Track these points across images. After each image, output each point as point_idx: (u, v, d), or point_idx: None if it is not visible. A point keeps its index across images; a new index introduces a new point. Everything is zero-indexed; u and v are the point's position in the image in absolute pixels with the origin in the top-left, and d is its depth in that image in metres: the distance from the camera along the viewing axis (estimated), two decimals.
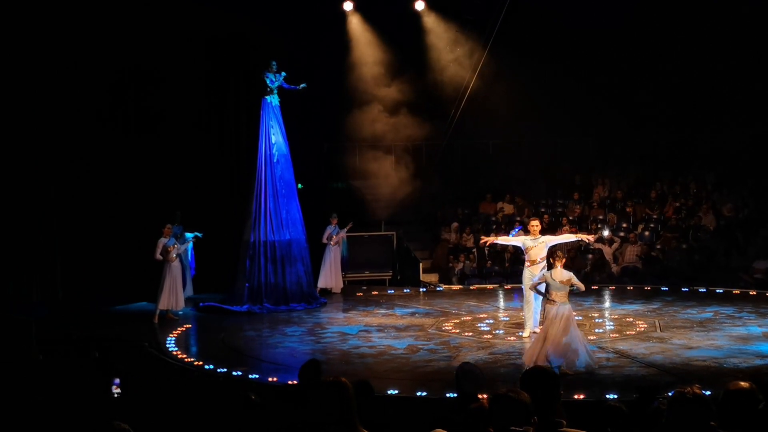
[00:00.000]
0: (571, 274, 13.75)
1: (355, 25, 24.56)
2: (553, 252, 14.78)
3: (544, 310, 14.68)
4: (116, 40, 20.96)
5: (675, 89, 24.78)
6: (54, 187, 20.61)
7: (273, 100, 20.73)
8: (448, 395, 11.32)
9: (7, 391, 11.67)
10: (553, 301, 13.48)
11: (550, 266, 14.59)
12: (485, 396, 7.60)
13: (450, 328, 17.23)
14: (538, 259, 15.89)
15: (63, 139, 20.59)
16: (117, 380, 10.52)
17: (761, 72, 23.42)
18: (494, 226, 25.21)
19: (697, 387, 5.41)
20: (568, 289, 13.53)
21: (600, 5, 23.45)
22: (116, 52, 21.22)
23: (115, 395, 10.28)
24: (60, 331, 16.63)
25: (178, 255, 19.14)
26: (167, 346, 15.96)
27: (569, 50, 24.66)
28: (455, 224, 25.63)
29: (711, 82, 24.33)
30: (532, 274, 15.68)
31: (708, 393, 6.52)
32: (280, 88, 20.75)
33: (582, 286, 13.92)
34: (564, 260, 13.97)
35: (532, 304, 15.99)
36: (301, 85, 20.78)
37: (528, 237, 16.21)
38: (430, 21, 24.85)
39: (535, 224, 16.26)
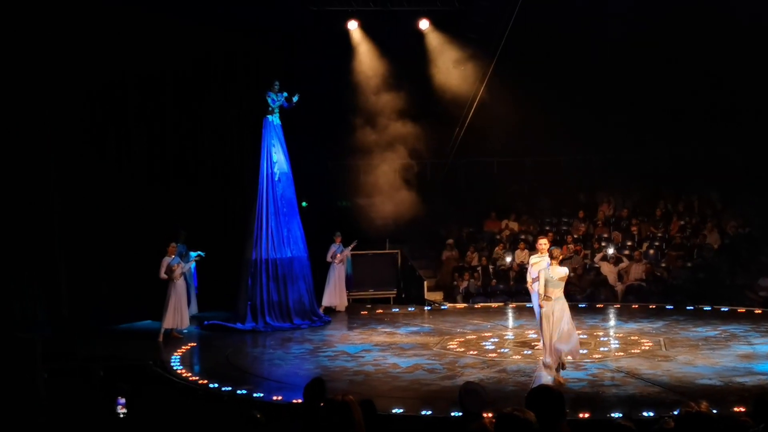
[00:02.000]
0: (567, 270, 14.40)
1: (360, 43, 24.64)
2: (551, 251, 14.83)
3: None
4: (120, 56, 21.02)
5: (679, 106, 24.76)
6: (59, 206, 20.62)
7: (274, 119, 20.81)
8: (452, 414, 11.30)
9: (13, 410, 11.66)
10: (549, 297, 13.93)
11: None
12: (489, 415, 7.58)
13: (455, 346, 17.20)
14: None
15: (67, 158, 20.60)
16: (122, 400, 10.49)
17: (763, 88, 23.36)
18: (499, 245, 25.23)
19: (705, 404, 5.41)
20: (563, 285, 14.07)
21: (601, 24, 23.47)
22: (121, 68, 21.27)
23: (121, 415, 10.25)
24: (65, 350, 16.61)
25: (183, 273, 19.15)
26: (172, 364, 15.95)
27: (572, 68, 24.67)
28: (450, 240, 25.62)
29: (715, 99, 24.31)
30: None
31: (715, 411, 6.49)
32: (281, 108, 20.82)
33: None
34: (561, 257, 14.60)
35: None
36: (294, 99, 20.83)
37: (536, 256, 15.88)
38: (434, 40, 24.92)
39: (542, 242, 15.89)
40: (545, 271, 14.11)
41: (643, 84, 24.75)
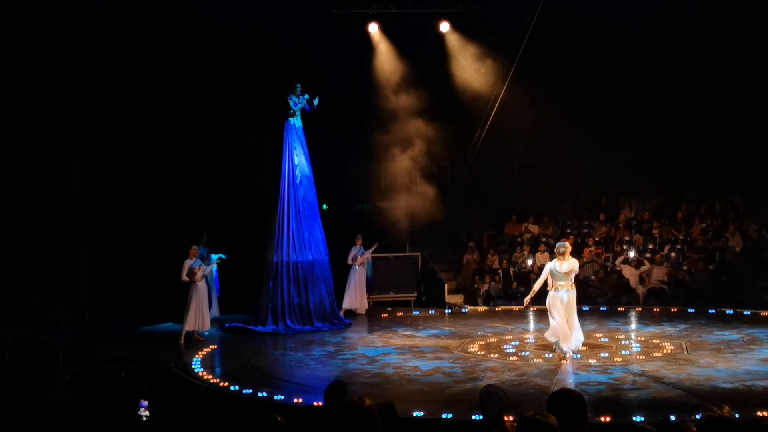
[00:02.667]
0: (576, 264, 15.73)
1: (380, 46, 24.67)
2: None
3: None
4: (141, 60, 21.16)
5: (701, 108, 24.60)
6: (81, 209, 20.74)
7: (296, 122, 20.83)
8: (473, 417, 11.29)
9: (35, 412, 11.73)
10: (560, 288, 15.46)
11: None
12: (510, 418, 7.56)
13: (475, 349, 17.17)
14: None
15: (89, 162, 20.73)
16: (145, 402, 10.51)
17: None
18: (519, 247, 25.18)
19: (727, 409, 5.37)
20: (571, 278, 15.46)
21: (621, 25, 23.40)
22: (142, 72, 21.40)
23: (143, 418, 10.28)
24: (87, 353, 16.71)
25: (204, 276, 19.20)
26: (193, 367, 15.99)
27: (593, 70, 24.62)
28: (472, 243, 25.60)
29: (737, 101, 24.15)
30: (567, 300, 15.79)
31: (737, 415, 6.45)
32: (302, 111, 20.85)
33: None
34: (568, 252, 15.76)
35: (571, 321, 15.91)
36: (315, 102, 20.86)
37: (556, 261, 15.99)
38: (455, 42, 24.92)
39: (561, 247, 16.04)
40: (552, 263, 15.50)
41: (664, 86, 24.64)
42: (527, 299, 16.53)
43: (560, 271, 15.45)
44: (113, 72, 20.64)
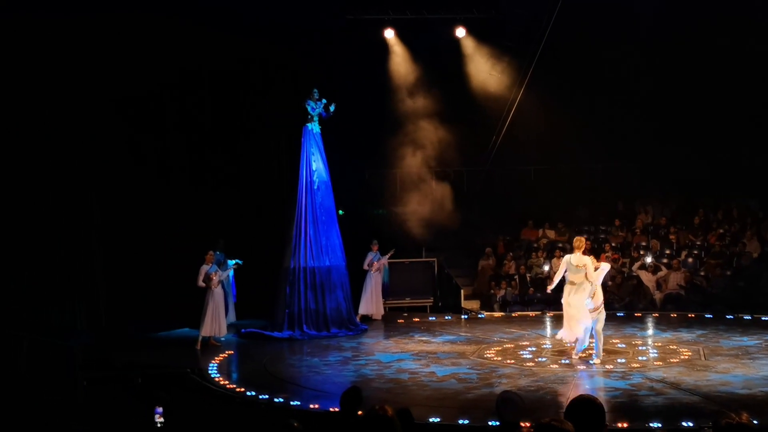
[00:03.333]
0: (588, 261, 15.87)
1: (396, 51, 24.70)
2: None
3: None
4: (158, 64, 21.18)
5: (717, 113, 24.51)
6: (98, 215, 20.80)
7: (314, 127, 20.84)
8: (490, 423, 11.26)
9: (52, 418, 11.76)
10: (573, 282, 15.88)
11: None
12: (528, 424, 7.55)
13: (492, 355, 17.14)
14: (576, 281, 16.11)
15: (105, 167, 20.79)
16: (159, 409, 10.49)
17: None
18: (536, 253, 25.13)
19: (745, 415, 5.34)
20: (584, 272, 15.72)
21: (637, 31, 23.38)
22: (159, 76, 21.44)
23: (159, 425, 10.27)
24: (104, 358, 16.75)
25: (221, 281, 19.22)
26: (210, 372, 16.00)
27: (610, 76, 24.57)
28: (488, 249, 25.55)
29: (753, 105, 24.07)
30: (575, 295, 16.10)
31: (756, 422, 6.41)
32: (319, 116, 20.87)
33: (593, 279, 15.77)
34: (583, 247, 16.19)
35: (570, 318, 16.26)
36: (331, 108, 20.88)
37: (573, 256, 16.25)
38: (471, 48, 24.95)
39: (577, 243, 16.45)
40: (567, 256, 16.09)
41: (681, 91, 24.57)
42: (549, 288, 17.50)
43: (573, 263, 15.93)
44: (129, 77, 20.66)
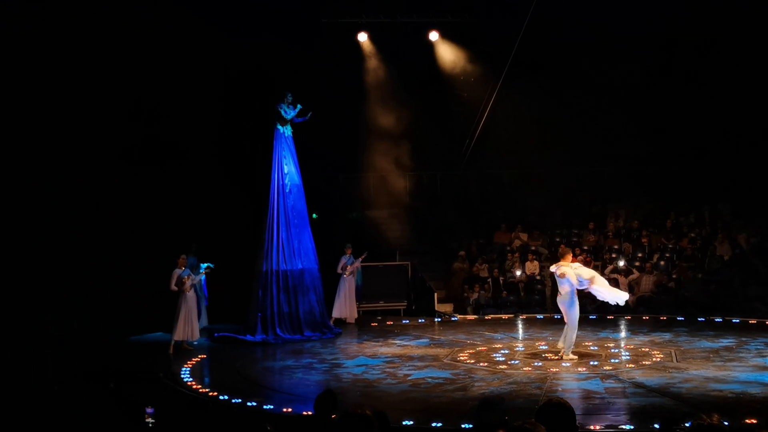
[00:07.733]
0: (566, 269, 16.21)
1: (370, 55, 24.71)
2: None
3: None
4: (132, 73, 21.10)
5: (692, 118, 24.67)
6: (69, 218, 20.66)
7: (286, 130, 20.84)
8: (463, 426, 11.27)
9: (24, 422, 11.67)
10: (560, 292, 16.43)
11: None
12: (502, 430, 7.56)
13: (465, 358, 17.15)
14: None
15: (78, 171, 20.66)
16: (151, 409, 10.36)
17: None
18: (510, 255, 25.19)
19: (716, 416, 5.38)
20: (563, 283, 16.18)
21: (612, 36, 23.50)
22: (131, 85, 21.36)
23: (150, 425, 10.17)
24: (75, 362, 16.63)
25: (193, 285, 19.15)
26: (182, 376, 15.94)
27: (583, 80, 24.68)
28: (462, 252, 25.59)
29: (727, 111, 24.23)
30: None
31: (727, 423, 6.45)
32: (292, 121, 20.82)
33: (566, 287, 16.25)
34: (567, 257, 16.74)
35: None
36: (308, 114, 20.86)
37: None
38: (444, 51, 24.98)
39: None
40: (554, 268, 16.67)
41: (654, 96, 24.72)
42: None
43: (555, 272, 16.53)
44: (103, 85, 20.60)
